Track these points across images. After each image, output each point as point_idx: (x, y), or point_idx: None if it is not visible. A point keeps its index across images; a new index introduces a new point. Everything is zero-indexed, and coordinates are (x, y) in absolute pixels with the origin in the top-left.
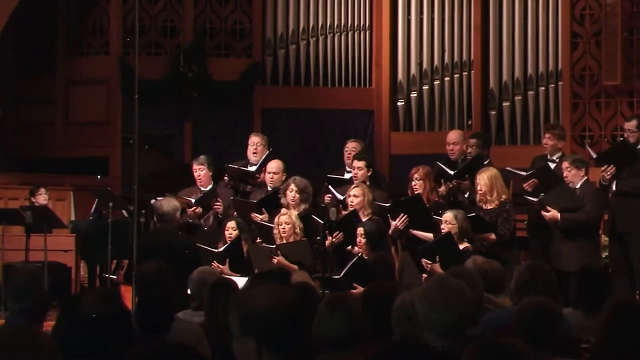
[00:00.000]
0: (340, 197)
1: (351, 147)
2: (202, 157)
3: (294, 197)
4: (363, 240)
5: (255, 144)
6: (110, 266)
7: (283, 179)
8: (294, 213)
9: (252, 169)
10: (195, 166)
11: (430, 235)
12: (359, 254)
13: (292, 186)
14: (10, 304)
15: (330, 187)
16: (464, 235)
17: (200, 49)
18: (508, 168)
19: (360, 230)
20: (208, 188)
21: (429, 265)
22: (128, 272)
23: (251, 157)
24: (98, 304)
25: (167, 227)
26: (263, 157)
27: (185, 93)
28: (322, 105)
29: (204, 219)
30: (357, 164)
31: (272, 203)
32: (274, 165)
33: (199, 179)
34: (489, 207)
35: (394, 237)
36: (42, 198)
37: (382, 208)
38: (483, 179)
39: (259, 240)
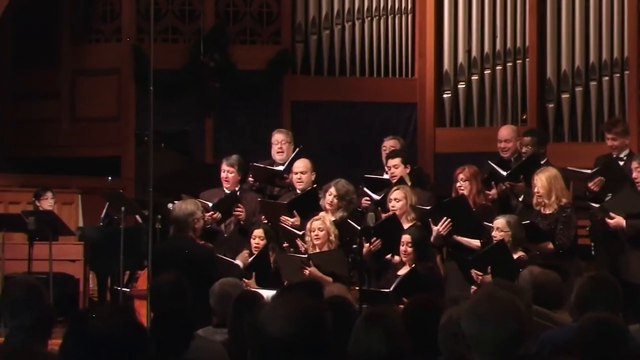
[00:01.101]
0: (377, 198)
1: (389, 145)
2: (235, 158)
3: (331, 202)
4: (409, 250)
5: (279, 142)
6: (123, 278)
7: (313, 179)
8: (329, 218)
9: (280, 168)
10: (225, 166)
11: (476, 242)
12: (412, 267)
13: (332, 189)
14: (8, 320)
15: (365, 188)
16: (518, 243)
17: (223, 35)
18: (570, 167)
19: (406, 237)
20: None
21: (480, 277)
22: None
23: (276, 157)
24: (109, 320)
25: (182, 234)
26: (292, 156)
27: (205, 84)
28: (358, 97)
29: (225, 224)
30: (392, 162)
31: (304, 205)
32: (301, 164)
33: (226, 181)
34: (547, 212)
35: (436, 244)
36: (47, 203)
37: (423, 211)
38: (541, 179)
39: (285, 244)
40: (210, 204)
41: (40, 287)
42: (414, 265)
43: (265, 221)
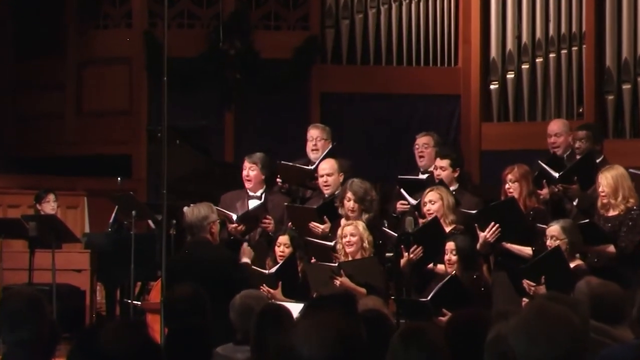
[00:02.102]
0: (414, 202)
1: (421, 143)
2: (258, 155)
3: (352, 208)
4: (454, 258)
5: (314, 138)
6: (134, 290)
7: (341, 181)
8: (362, 223)
9: (312, 168)
10: (247, 163)
11: (528, 250)
12: (452, 273)
13: (349, 194)
14: (6, 337)
15: (402, 190)
16: (576, 251)
17: (244, 20)
18: (631, 170)
19: (450, 245)
20: (258, 193)
21: (532, 288)
22: None
23: (311, 155)
24: (119, 337)
25: (200, 240)
26: (324, 153)
27: (225, 75)
28: (395, 89)
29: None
30: (440, 162)
31: (335, 210)
32: (326, 165)
33: (248, 180)
34: (611, 214)
35: (483, 252)
36: (50, 206)
37: (468, 216)
38: (606, 177)
39: (313, 260)
40: (235, 216)
41: (42, 300)
42: (453, 272)
43: (293, 228)
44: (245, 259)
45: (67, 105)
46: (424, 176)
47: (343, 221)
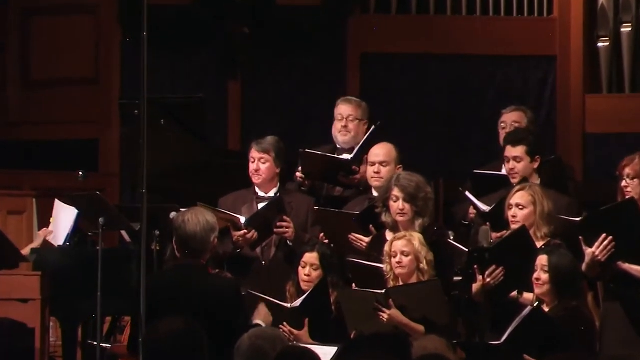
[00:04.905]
0: (485, 209)
1: (510, 121)
2: (270, 140)
3: (402, 209)
4: (544, 277)
5: (344, 117)
6: (102, 327)
7: None
8: (418, 235)
9: (347, 157)
10: (255, 153)
11: None
12: (535, 304)
13: (396, 191)
14: None
15: (467, 193)
16: None
17: None
18: None
19: (542, 258)
20: (271, 193)
21: None
22: (134, 337)
23: (338, 139)
24: None
25: (196, 262)
26: (365, 137)
27: (229, 29)
28: (465, 48)
29: (262, 247)
30: (512, 151)
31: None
32: (381, 151)
33: (257, 175)
34: None
35: (589, 275)
36: None
37: (568, 225)
38: None
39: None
40: (242, 218)
41: None
42: (537, 302)
43: (326, 240)
44: (259, 322)
45: (8, 72)
46: (505, 170)
47: (388, 233)
